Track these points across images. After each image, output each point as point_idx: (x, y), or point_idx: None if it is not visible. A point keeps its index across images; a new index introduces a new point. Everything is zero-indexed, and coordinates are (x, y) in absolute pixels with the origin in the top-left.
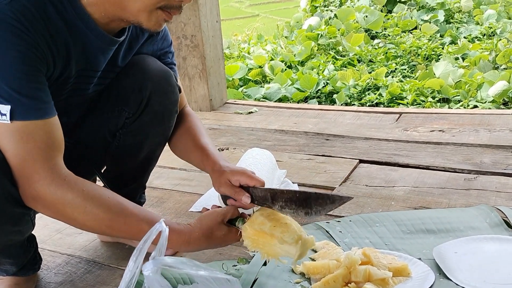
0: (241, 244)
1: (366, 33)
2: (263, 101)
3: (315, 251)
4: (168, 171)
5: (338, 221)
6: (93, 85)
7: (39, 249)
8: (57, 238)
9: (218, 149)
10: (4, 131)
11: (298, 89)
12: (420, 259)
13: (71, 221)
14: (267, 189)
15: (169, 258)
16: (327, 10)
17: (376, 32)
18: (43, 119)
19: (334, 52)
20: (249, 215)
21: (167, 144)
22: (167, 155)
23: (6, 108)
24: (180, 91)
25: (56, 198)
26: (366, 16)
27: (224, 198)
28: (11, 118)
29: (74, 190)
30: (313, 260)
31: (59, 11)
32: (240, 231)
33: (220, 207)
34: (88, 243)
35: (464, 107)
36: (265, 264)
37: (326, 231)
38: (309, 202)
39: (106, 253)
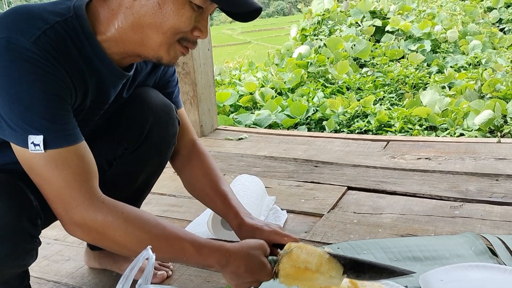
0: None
1: (355, 62)
2: (253, 127)
3: None
4: (158, 197)
5: None
6: (99, 116)
7: None
8: (44, 265)
9: None
10: (39, 161)
11: (288, 115)
12: (406, 287)
13: (112, 244)
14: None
15: (155, 286)
16: (316, 39)
17: (364, 61)
18: (75, 144)
19: (324, 80)
20: (278, 254)
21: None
22: (156, 181)
23: (39, 139)
24: (179, 123)
25: (97, 222)
26: (354, 45)
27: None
28: (45, 148)
29: (113, 212)
30: None
31: (77, 47)
32: (275, 270)
33: (210, 234)
34: (75, 270)
35: (451, 135)
36: None
37: None
38: (363, 269)
39: (93, 280)
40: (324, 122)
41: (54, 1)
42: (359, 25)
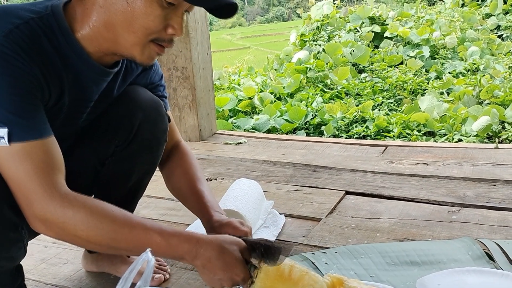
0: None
1: (354, 67)
2: (252, 132)
3: None
4: (156, 201)
5: (324, 253)
6: (86, 114)
7: None
8: (41, 268)
9: (207, 179)
10: (4, 154)
11: (287, 120)
12: None
13: (74, 239)
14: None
15: None
16: (315, 45)
17: (363, 67)
18: (41, 138)
19: (323, 85)
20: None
21: (159, 177)
22: (154, 185)
23: (3, 131)
24: (169, 121)
25: (57, 216)
26: (353, 51)
27: None
28: (9, 141)
29: (75, 206)
30: None
31: (53, 44)
32: (252, 271)
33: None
34: (73, 273)
35: (449, 141)
36: None
37: (312, 262)
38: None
39: (91, 283)
40: (323, 127)
41: (33, 2)
42: (358, 31)
